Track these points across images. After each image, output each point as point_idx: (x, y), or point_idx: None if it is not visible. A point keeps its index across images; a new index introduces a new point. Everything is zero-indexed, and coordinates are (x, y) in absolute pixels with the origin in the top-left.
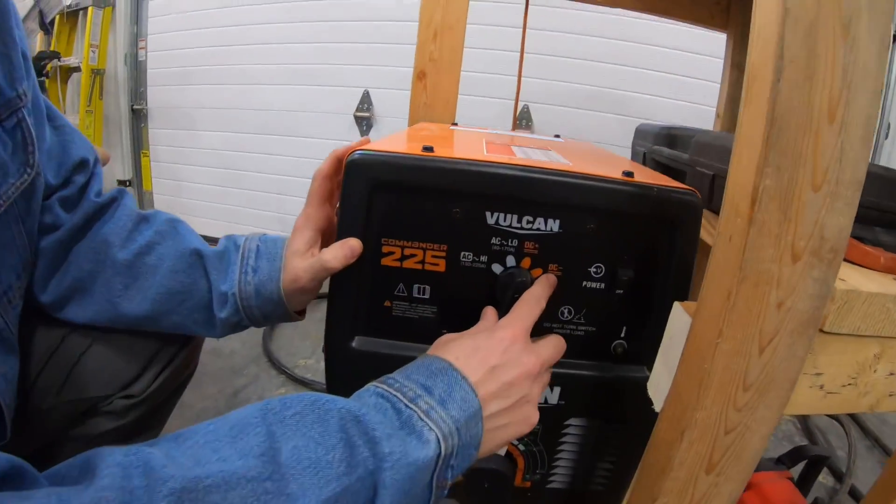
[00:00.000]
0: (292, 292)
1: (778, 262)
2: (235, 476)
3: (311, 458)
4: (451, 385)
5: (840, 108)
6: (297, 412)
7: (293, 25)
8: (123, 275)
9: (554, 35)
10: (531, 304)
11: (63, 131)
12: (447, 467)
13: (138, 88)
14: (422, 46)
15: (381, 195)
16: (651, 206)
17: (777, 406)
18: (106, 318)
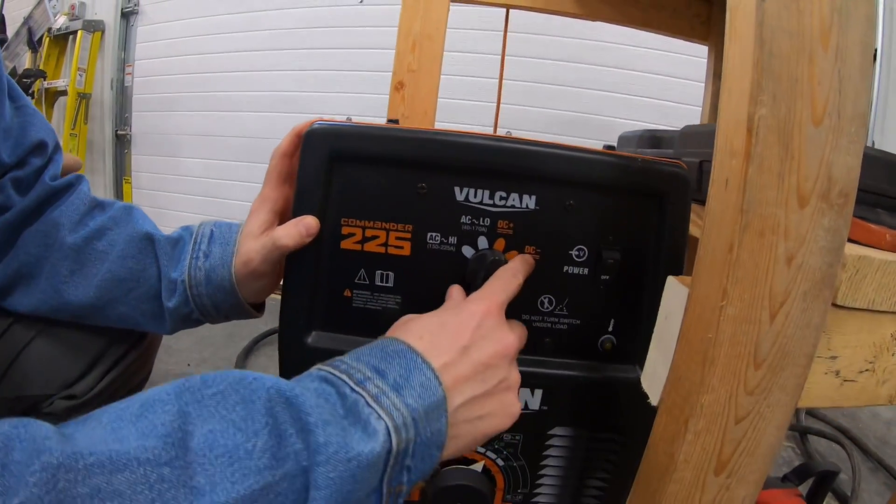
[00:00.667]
0: (244, 277)
1: (784, 206)
2: (125, 457)
3: (228, 446)
4: (408, 369)
5: (833, 34)
6: (218, 391)
7: (277, 53)
8: (71, 259)
9: (533, 62)
10: (507, 279)
11: (24, 111)
12: (402, 468)
13: (123, 114)
14: (400, 56)
15: (341, 169)
16: (635, 179)
17: (793, 388)
18: (49, 305)
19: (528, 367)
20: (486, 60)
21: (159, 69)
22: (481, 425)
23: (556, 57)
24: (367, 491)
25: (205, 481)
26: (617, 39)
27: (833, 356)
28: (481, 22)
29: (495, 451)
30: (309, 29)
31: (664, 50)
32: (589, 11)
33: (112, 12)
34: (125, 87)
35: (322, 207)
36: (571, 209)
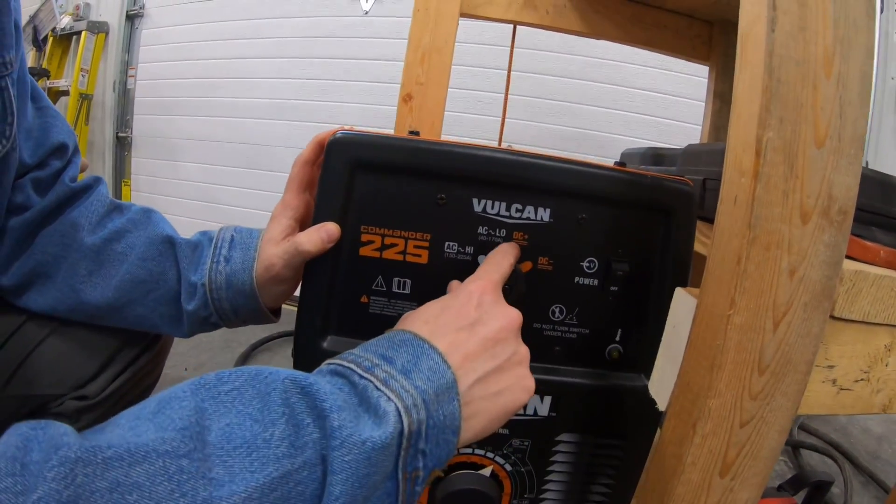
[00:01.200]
0: (265, 282)
1: (788, 222)
2: (144, 448)
3: (245, 437)
4: (416, 355)
5: (836, 63)
6: (234, 388)
7: (280, 61)
8: (89, 259)
9: (535, 77)
10: (498, 259)
11: (45, 112)
12: (416, 453)
13: (124, 116)
14: (409, 68)
15: (362, 178)
16: (644, 195)
17: (794, 393)
18: (67, 305)
19: (538, 374)
20: (489, 74)
21: (162, 73)
22: (499, 401)
23: (558, 73)
24: (382, 475)
25: (224, 472)
26: (618, 57)
27: (830, 365)
28: (484, 37)
29: (503, 456)
30: (313, 38)
31: (664, 69)
32: (594, 30)
33: (117, 14)
34: (127, 90)
35: (343, 214)
36: (584, 222)
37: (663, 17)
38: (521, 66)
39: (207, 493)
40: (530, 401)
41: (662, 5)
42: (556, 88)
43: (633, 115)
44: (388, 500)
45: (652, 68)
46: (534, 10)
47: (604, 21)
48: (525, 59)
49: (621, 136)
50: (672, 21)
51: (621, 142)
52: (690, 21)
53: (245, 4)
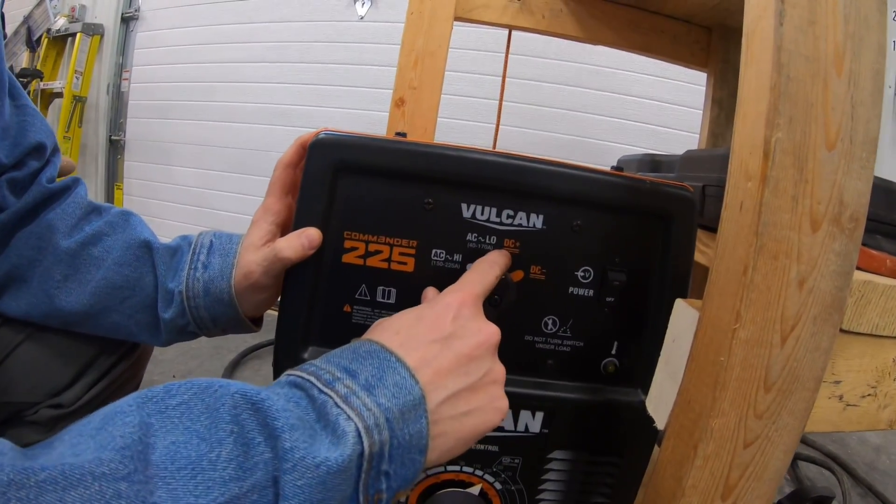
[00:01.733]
0: (244, 289)
1: (797, 229)
2: (79, 471)
3: (191, 458)
4: (381, 369)
5: (847, 60)
6: (182, 401)
7: (275, 65)
8: (65, 264)
9: (531, 84)
10: (484, 270)
11: (24, 111)
12: (378, 474)
13: (118, 119)
14: (402, 72)
15: (345, 181)
16: (642, 201)
17: (801, 412)
18: (41, 311)
19: (529, 388)
20: (484, 81)
21: (156, 76)
22: (469, 422)
23: (554, 80)
24: (340, 499)
25: (166, 495)
26: (614, 64)
27: (837, 381)
28: (480, 43)
29: (493, 474)
30: (308, 43)
31: (660, 76)
32: (591, 35)
33: (112, 17)
34: (121, 93)
35: (325, 220)
36: (578, 230)
37: (661, 22)
38: (517, 72)
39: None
40: (521, 416)
41: (660, 10)
42: (552, 95)
43: (629, 123)
44: None
45: (647, 76)
46: (529, 14)
47: (600, 26)
48: (520, 65)
49: (617, 143)
50: (670, 26)
51: (617, 149)
52: (689, 27)
53: (240, 8)
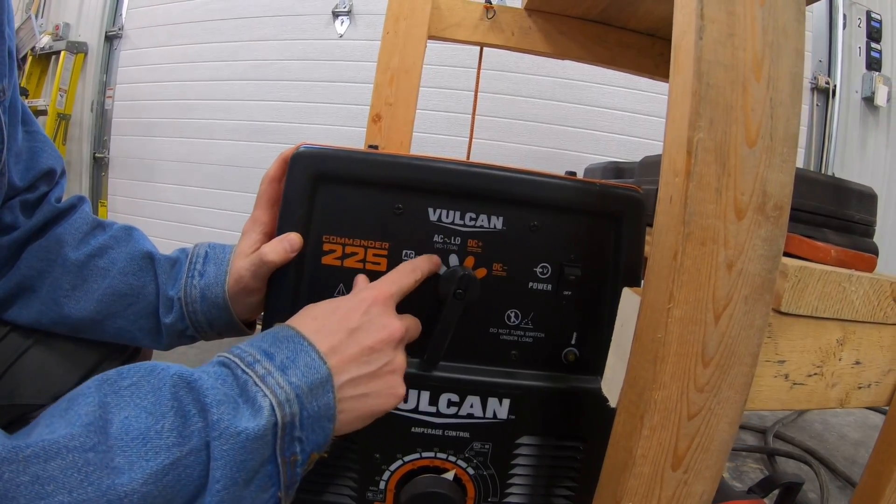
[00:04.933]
0: (236, 294)
1: (722, 218)
2: (56, 445)
3: (140, 429)
4: (295, 352)
5: (765, 67)
6: (133, 383)
7: (256, 83)
8: (73, 274)
9: (505, 98)
10: (404, 272)
11: (35, 137)
12: (292, 440)
13: (102, 136)
14: (378, 89)
15: (324, 189)
16: (594, 202)
17: (741, 386)
18: (50, 318)
19: (496, 377)
20: (459, 96)
21: (140, 94)
22: (368, 402)
23: (528, 94)
24: (260, 460)
25: (123, 461)
26: (585, 78)
27: (781, 360)
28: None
29: (466, 459)
30: (288, 61)
31: (630, 88)
32: (559, 50)
33: (96, 35)
34: (105, 110)
35: (305, 225)
36: (536, 229)
37: (626, 36)
38: (492, 87)
39: (111, 481)
40: (490, 403)
41: (625, 25)
42: (526, 109)
43: (601, 134)
44: (269, 481)
45: (618, 88)
46: (500, 32)
47: (568, 42)
48: (495, 80)
49: (589, 154)
50: (635, 40)
51: (589, 159)
52: (653, 40)
53: (223, 27)
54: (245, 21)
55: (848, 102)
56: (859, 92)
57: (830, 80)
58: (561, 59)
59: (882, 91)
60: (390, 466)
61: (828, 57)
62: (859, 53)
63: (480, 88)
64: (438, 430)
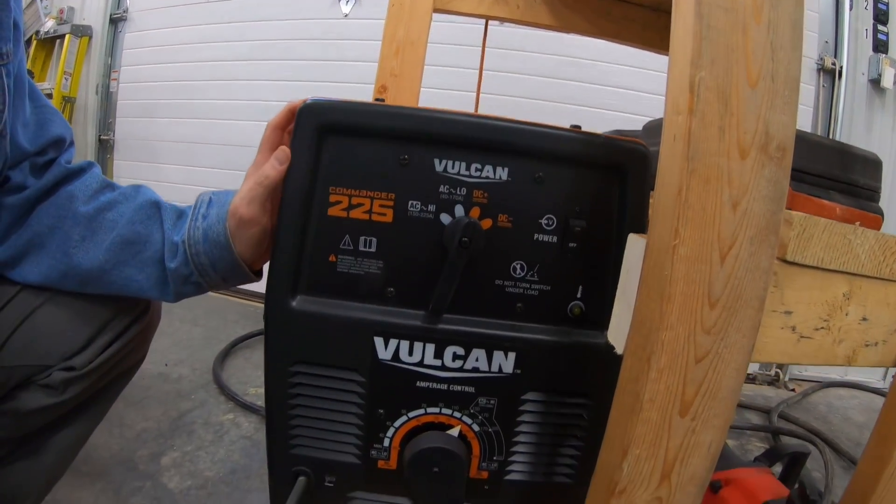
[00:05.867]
0: (235, 227)
1: (726, 156)
2: None
3: None
4: None
5: (765, 11)
6: None
7: (260, 63)
8: (83, 227)
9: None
10: None
11: (44, 109)
12: None
13: (107, 119)
14: (384, 61)
15: (331, 141)
16: (599, 153)
17: (748, 329)
18: (59, 271)
19: (501, 330)
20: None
21: (144, 76)
22: None
23: (534, 72)
24: None
25: None
26: (591, 56)
27: (787, 311)
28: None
29: (471, 415)
30: (293, 41)
31: (636, 66)
32: (563, 24)
33: (100, 18)
34: (110, 93)
35: (312, 176)
36: (541, 181)
37: (631, 10)
38: (498, 66)
39: None
40: (495, 357)
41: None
42: (532, 87)
43: (608, 112)
44: None
45: (624, 66)
46: (505, 4)
47: (573, 15)
48: (501, 59)
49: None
50: (640, 14)
51: None
52: (658, 14)
53: (227, 8)
54: (248, 1)
55: (854, 84)
56: (866, 74)
57: (837, 61)
58: (566, 33)
59: (889, 73)
60: (395, 423)
61: (834, 38)
62: (866, 35)
63: (486, 67)
64: (443, 384)
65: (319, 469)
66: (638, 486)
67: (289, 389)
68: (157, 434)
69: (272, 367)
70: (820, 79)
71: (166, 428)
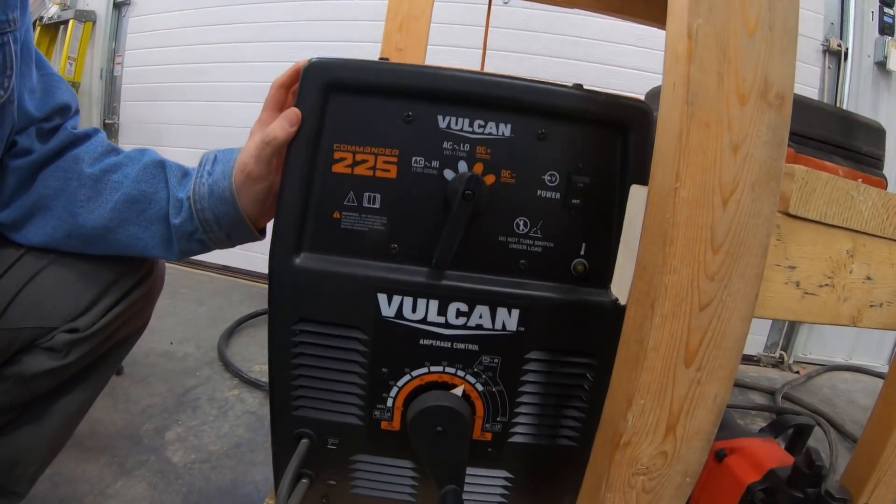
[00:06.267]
0: (242, 182)
1: (725, 102)
2: None
3: None
4: None
5: None
6: None
7: (265, 45)
8: (88, 187)
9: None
10: None
11: (50, 78)
12: None
13: (111, 103)
14: (388, 36)
15: (335, 99)
16: (601, 110)
17: (751, 277)
18: (64, 231)
19: (505, 287)
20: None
21: (148, 60)
22: None
23: (538, 52)
24: None
25: None
26: (596, 36)
27: (791, 266)
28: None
29: (474, 374)
30: (299, 21)
31: (640, 46)
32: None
33: (104, 3)
34: (114, 77)
35: (317, 134)
36: (543, 137)
37: None
38: (501, 45)
39: None
40: (499, 314)
41: None
42: (536, 67)
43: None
44: None
45: (628, 46)
46: None
47: None
48: (505, 38)
49: None
50: None
51: None
52: None
53: None
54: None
55: (860, 67)
56: (871, 56)
57: (842, 43)
58: (569, 8)
59: (895, 56)
60: (398, 382)
61: (840, 20)
62: (872, 18)
63: (490, 46)
64: (447, 342)
65: (322, 431)
66: (643, 439)
67: (292, 349)
68: (161, 410)
69: (276, 326)
70: (825, 60)
71: (171, 404)
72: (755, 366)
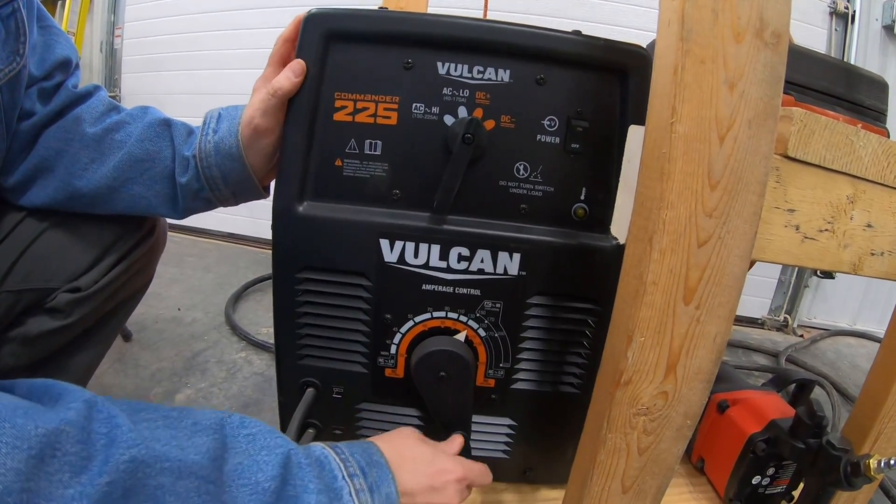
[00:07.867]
0: (248, 137)
1: (720, 38)
2: (189, 468)
3: (251, 481)
4: (382, 479)
5: None
6: (250, 433)
7: (266, 11)
8: (91, 149)
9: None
10: (482, 472)
11: (49, 31)
12: None
13: (112, 76)
14: None
15: (335, 48)
16: (599, 55)
17: (749, 215)
18: (66, 193)
19: (506, 231)
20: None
21: (148, 30)
22: None
23: (541, 12)
24: None
25: (230, 500)
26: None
27: (791, 209)
28: None
29: (477, 320)
30: None
31: (645, 6)
32: None
33: None
34: (114, 50)
35: (318, 83)
36: (542, 82)
37: None
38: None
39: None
40: (500, 258)
41: None
42: None
43: None
44: None
45: (633, 6)
46: None
47: None
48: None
49: None
50: None
51: None
52: None
53: None
54: None
55: (868, 30)
56: (879, 20)
57: (850, 5)
58: None
59: None
60: (401, 328)
61: None
62: None
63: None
64: (449, 286)
65: (327, 380)
66: (643, 378)
67: (297, 297)
68: (171, 373)
69: (280, 277)
70: (832, 23)
71: (180, 367)
72: (759, 329)
